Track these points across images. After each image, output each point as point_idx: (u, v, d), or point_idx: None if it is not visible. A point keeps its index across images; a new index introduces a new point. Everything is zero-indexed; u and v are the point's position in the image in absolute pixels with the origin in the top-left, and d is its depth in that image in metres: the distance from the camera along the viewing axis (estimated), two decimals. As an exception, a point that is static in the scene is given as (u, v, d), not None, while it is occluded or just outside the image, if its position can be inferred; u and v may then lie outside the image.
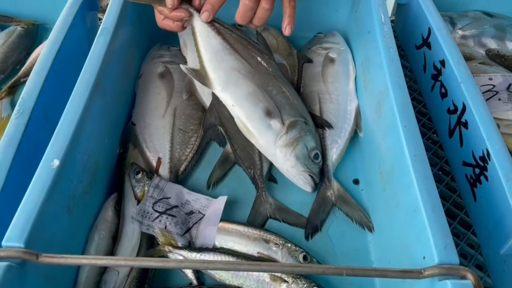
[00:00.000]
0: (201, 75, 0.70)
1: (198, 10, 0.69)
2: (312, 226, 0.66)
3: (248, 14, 0.64)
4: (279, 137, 0.67)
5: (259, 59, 0.73)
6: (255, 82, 0.69)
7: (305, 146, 0.68)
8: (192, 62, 0.83)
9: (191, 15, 0.69)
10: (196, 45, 0.72)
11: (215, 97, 0.75)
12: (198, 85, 0.80)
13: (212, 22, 0.71)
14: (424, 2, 0.78)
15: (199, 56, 0.72)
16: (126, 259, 0.46)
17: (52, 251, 0.45)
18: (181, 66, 0.73)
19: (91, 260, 0.46)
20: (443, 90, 0.72)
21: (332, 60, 0.83)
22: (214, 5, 0.67)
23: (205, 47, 0.71)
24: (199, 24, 0.70)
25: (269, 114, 0.67)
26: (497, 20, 0.94)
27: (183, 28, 0.70)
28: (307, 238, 0.65)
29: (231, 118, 0.73)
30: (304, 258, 0.61)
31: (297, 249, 0.62)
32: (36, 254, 0.44)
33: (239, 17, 0.65)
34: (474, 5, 0.97)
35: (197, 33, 0.71)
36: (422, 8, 0.77)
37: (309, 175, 0.67)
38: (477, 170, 0.61)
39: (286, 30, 0.66)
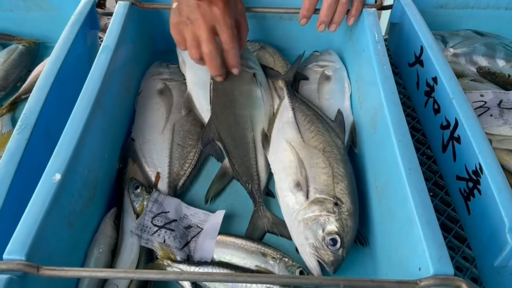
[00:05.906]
0: (267, 142, 0.75)
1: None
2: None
3: (331, 9, 0.77)
4: (298, 211, 0.63)
5: (317, 134, 0.71)
6: (299, 154, 0.68)
7: (320, 227, 0.61)
8: (190, 79, 0.85)
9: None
10: (275, 116, 0.78)
11: (213, 113, 0.77)
12: (196, 101, 0.81)
13: (295, 98, 0.78)
14: (416, 21, 0.80)
15: (273, 126, 0.76)
16: (126, 271, 0.47)
17: (52, 264, 0.46)
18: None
19: (91, 272, 0.47)
20: (436, 106, 0.74)
21: (328, 78, 0.85)
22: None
23: (279, 119, 0.76)
24: (287, 100, 0.78)
25: (297, 186, 0.65)
26: (488, 38, 0.96)
27: None
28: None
29: (229, 133, 0.74)
30: (301, 273, 0.62)
31: (294, 263, 0.63)
32: (37, 267, 0.45)
33: (324, 13, 0.78)
34: (465, 24, 0.99)
35: (281, 108, 0.78)
36: (414, 27, 0.79)
37: (317, 260, 0.60)
38: (471, 184, 0.62)
39: (350, 21, 0.80)
